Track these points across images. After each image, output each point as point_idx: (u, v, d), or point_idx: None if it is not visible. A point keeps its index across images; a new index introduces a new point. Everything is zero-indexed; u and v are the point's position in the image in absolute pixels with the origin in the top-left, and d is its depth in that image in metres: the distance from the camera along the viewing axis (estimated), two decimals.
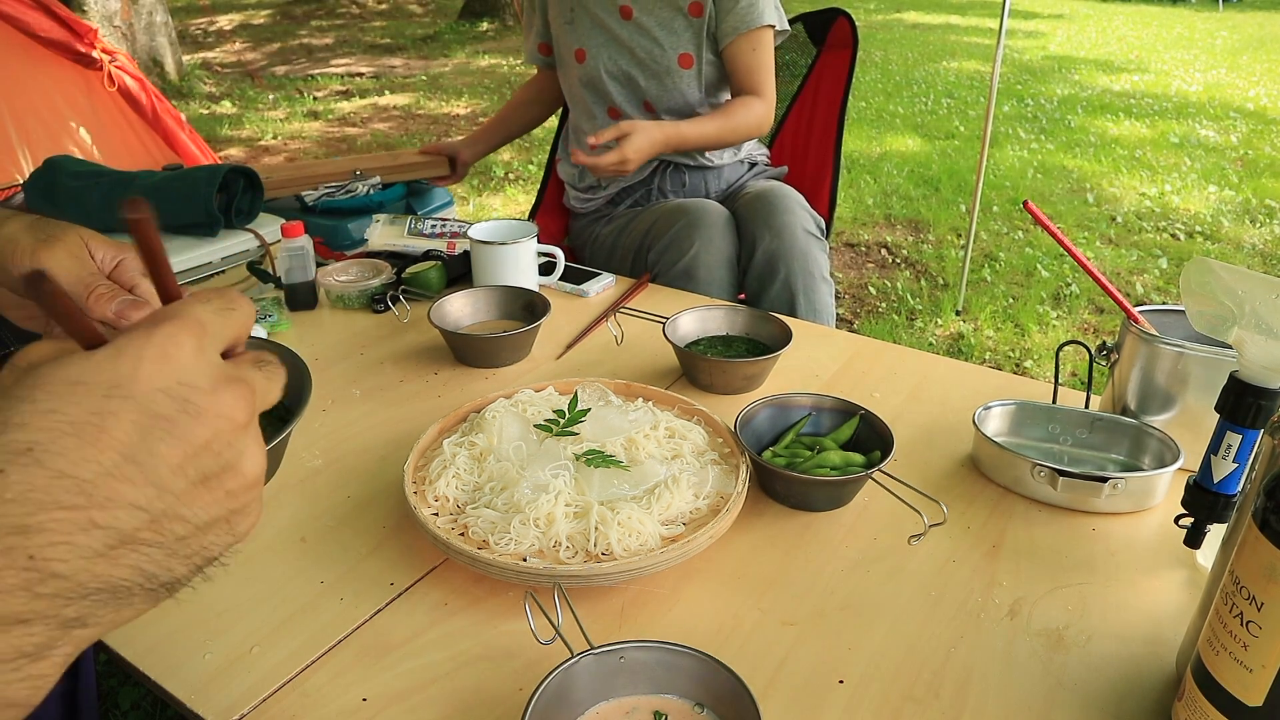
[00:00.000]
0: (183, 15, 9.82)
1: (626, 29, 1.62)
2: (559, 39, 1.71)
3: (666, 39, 1.61)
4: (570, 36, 1.67)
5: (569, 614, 0.68)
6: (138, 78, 2.91)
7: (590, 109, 1.72)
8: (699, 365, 1.10)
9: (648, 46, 1.62)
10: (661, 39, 1.61)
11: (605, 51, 1.65)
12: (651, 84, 1.65)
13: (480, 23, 9.48)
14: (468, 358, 1.18)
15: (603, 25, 1.63)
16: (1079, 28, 10.30)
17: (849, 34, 1.80)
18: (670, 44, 1.62)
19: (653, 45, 1.62)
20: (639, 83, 1.66)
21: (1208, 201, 4.24)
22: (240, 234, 1.46)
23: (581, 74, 1.68)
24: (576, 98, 1.75)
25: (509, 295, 1.28)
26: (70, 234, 0.63)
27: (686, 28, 1.61)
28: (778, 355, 1.09)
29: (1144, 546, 0.84)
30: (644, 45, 1.62)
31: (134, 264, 0.66)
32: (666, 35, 1.61)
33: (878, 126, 5.70)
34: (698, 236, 1.46)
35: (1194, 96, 6.59)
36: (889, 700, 0.66)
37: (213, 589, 0.78)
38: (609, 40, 1.64)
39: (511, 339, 1.16)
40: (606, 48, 1.64)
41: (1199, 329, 0.71)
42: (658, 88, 1.65)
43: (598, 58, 1.65)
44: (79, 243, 0.62)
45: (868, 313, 3.08)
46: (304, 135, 5.45)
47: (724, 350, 1.16)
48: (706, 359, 1.09)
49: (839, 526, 0.86)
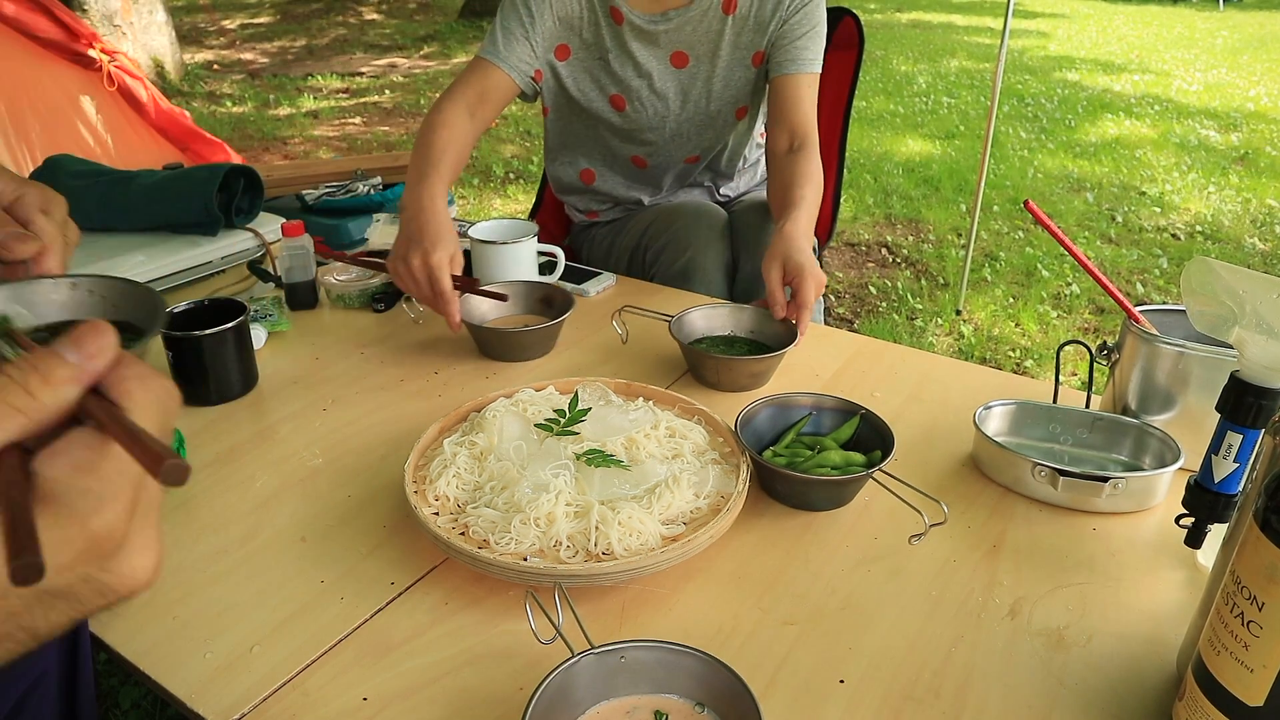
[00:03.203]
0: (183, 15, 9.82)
1: (679, 78, 1.46)
2: (576, 76, 1.47)
3: (724, 91, 1.47)
4: (604, 78, 1.46)
5: (569, 613, 0.68)
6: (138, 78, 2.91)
7: (615, 152, 1.57)
8: (705, 363, 1.10)
9: (701, 98, 1.47)
10: (719, 91, 1.47)
11: (652, 101, 1.47)
12: (701, 136, 1.52)
13: (480, 22, 9.48)
14: (495, 351, 1.19)
15: (649, 72, 1.44)
16: (1079, 27, 10.29)
17: (855, 34, 1.78)
18: (729, 96, 1.48)
19: (709, 97, 1.47)
20: (687, 135, 1.52)
21: (1208, 201, 4.24)
22: (240, 233, 1.45)
23: (619, 121, 1.50)
24: (596, 141, 1.57)
25: (527, 290, 1.29)
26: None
27: (746, 79, 1.47)
28: (783, 353, 1.09)
29: (1144, 546, 0.84)
30: (698, 96, 1.47)
31: (33, 200, 0.66)
32: (724, 87, 1.47)
33: (878, 126, 5.70)
34: (695, 239, 1.45)
35: (1194, 96, 6.58)
36: (889, 700, 0.66)
37: (213, 589, 0.78)
38: (655, 90, 1.46)
39: (537, 333, 1.17)
40: (654, 98, 1.47)
41: (1200, 329, 0.71)
42: (707, 139, 1.53)
43: (642, 108, 1.47)
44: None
45: (868, 313, 3.08)
46: (304, 135, 5.45)
47: (728, 349, 1.16)
48: (714, 356, 1.10)
49: (839, 526, 0.86)
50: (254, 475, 0.94)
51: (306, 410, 1.07)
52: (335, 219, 1.58)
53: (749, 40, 1.43)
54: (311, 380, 1.14)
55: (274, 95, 6.42)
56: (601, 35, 1.42)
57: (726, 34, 1.42)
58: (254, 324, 1.18)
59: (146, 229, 1.43)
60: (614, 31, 1.41)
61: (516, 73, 1.38)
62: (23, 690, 0.69)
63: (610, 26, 1.40)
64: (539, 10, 1.37)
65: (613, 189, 1.63)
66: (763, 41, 1.43)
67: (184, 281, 1.39)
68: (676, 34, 1.42)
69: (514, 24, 1.38)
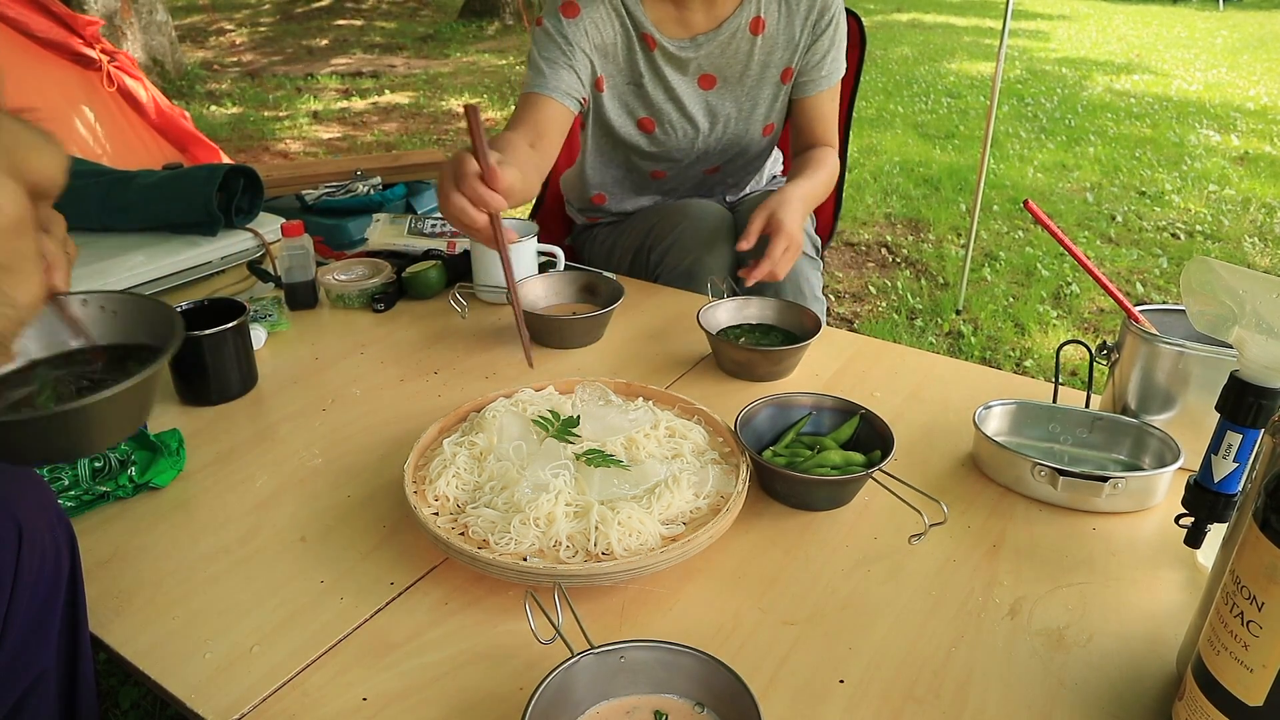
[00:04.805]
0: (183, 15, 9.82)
1: (707, 100, 1.46)
2: (612, 105, 1.46)
3: (753, 111, 1.48)
4: (634, 102, 1.45)
5: (569, 613, 0.68)
6: (137, 77, 2.91)
7: (636, 169, 1.56)
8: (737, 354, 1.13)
9: (730, 118, 1.48)
10: (748, 111, 1.48)
11: (682, 125, 1.47)
12: (725, 153, 1.53)
13: (480, 22, 9.48)
14: (544, 339, 1.22)
15: (679, 96, 1.44)
16: (1079, 27, 10.30)
17: (857, 35, 1.78)
18: (757, 115, 1.49)
19: (737, 117, 1.48)
20: (713, 155, 1.52)
21: (1208, 201, 4.24)
22: (240, 233, 1.45)
23: (646, 144, 1.50)
24: (619, 164, 1.57)
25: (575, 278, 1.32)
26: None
27: (774, 98, 1.48)
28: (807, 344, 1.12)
29: (1144, 546, 0.84)
30: (726, 117, 1.48)
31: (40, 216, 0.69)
32: (753, 107, 1.48)
33: (878, 126, 5.70)
34: (700, 240, 1.45)
35: (1194, 96, 6.58)
36: (889, 700, 0.66)
37: (213, 589, 0.78)
38: (686, 114, 1.46)
39: (585, 322, 1.21)
40: (684, 121, 1.47)
41: (1199, 328, 0.71)
42: (731, 155, 1.54)
43: (671, 130, 1.47)
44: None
45: (868, 312, 3.08)
46: (304, 135, 5.45)
47: (760, 338, 1.20)
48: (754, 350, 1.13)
49: (839, 526, 0.86)
50: (254, 475, 0.94)
51: (306, 410, 1.07)
52: (335, 219, 1.58)
53: (779, 59, 1.44)
54: (311, 380, 1.14)
55: (274, 95, 6.42)
56: (636, 61, 1.41)
57: (756, 54, 1.43)
58: (254, 324, 1.18)
59: (146, 229, 1.43)
60: (648, 58, 1.41)
61: (569, 99, 1.34)
62: (23, 690, 0.69)
63: (644, 52, 1.40)
64: (575, 39, 1.35)
65: (622, 205, 1.64)
66: (793, 58, 1.44)
67: (184, 281, 1.39)
68: (706, 59, 1.42)
69: (554, 53, 1.34)
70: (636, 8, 1.37)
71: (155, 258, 1.36)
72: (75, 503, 0.86)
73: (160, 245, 1.39)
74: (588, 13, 1.34)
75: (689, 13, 1.38)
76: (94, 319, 0.68)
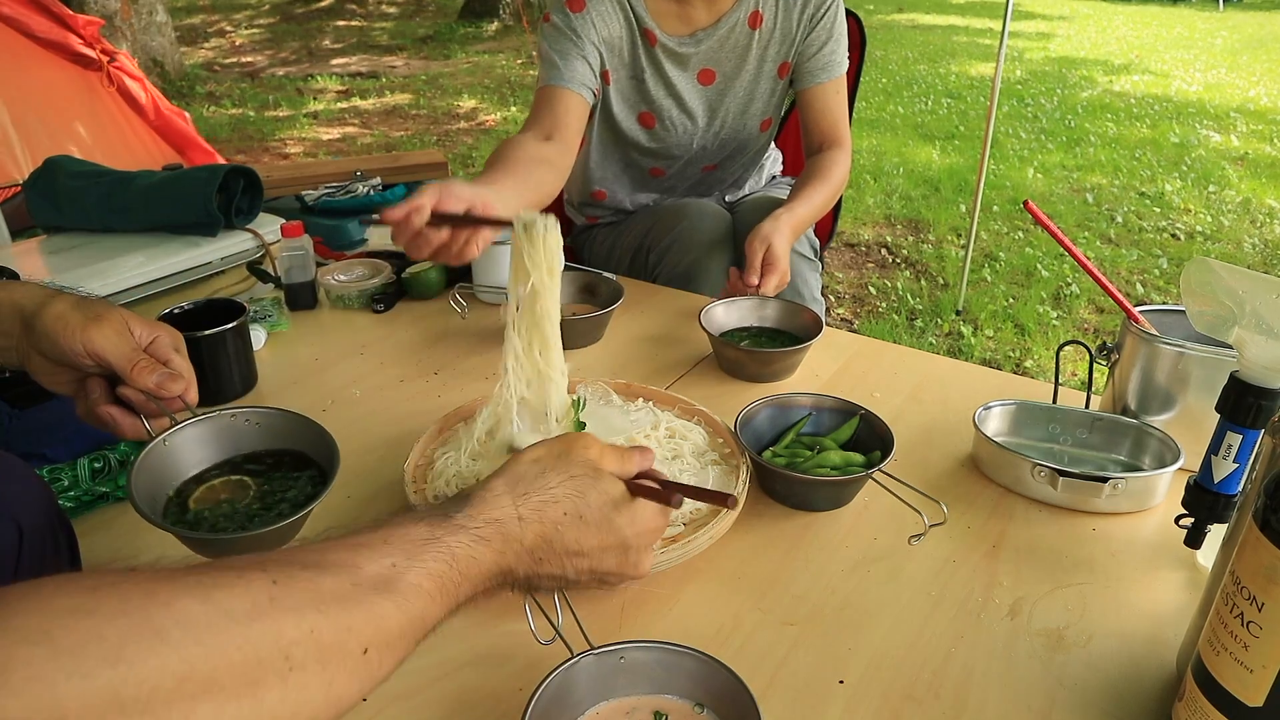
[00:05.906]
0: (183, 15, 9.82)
1: (706, 94, 1.46)
2: (615, 100, 1.46)
3: (750, 105, 1.48)
4: (635, 97, 1.46)
5: (569, 614, 0.68)
6: (137, 78, 2.91)
7: (635, 165, 1.57)
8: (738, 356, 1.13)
9: (728, 113, 1.49)
10: (745, 105, 1.48)
11: (681, 120, 1.48)
12: (724, 149, 1.53)
13: (480, 22, 9.49)
14: None
15: (679, 91, 1.44)
16: (1079, 28, 10.30)
17: (857, 35, 1.78)
18: (754, 110, 1.49)
19: (734, 112, 1.49)
20: (711, 150, 1.53)
21: (1208, 202, 4.24)
22: (240, 234, 1.45)
23: (646, 139, 1.50)
24: (618, 160, 1.57)
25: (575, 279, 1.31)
26: (114, 313, 0.72)
27: (771, 92, 1.48)
28: (809, 345, 1.12)
29: (1144, 546, 0.84)
30: (725, 112, 1.48)
31: (166, 340, 0.75)
32: (750, 101, 1.48)
33: (878, 126, 5.70)
34: (699, 241, 1.45)
35: (1194, 96, 6.59)
36: (889, 700, 0.66)
37: None
38: (685, 109, 1.47)
39: (585, 322, 1.20)
40: (683, 117, 1.47)
41: (1199, 329, 0.71)
42: (730, 152, 1.54)
43: (671, 126, 1.48)
44: (122, 321, 0.72)
45: (868, 313, 3.08)
46: (304, 135, 5.45)
47: (757, 340, 1.19)
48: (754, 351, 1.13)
49: (839, 526, 0.86)
50: None
51: (306, 410, 1.05)
52: (335, 220, 1.58)
53: (775, 53, 1.44)
54: (311, 381, 1.14)
55: (273, 96, 6.43)
56: (638, 55, 1.42)
57: (753, 49, 1.43)
58: (253, 324, 1.18)
59: (146, 229, 1.43)
60: (649, 53, 1.41)
61: (584, 89, 1.34)
62: None
63: (646, 48, 1.41)
64: (584, 31, 1.35)
65: (621, 203, 1.64)
66: (789, 53, 1.44)
67: (183, 282, 1.39)
68: (705, 54, 1.42)
69: (566, 45, 1.34)
70: (638, 3, 1.37)
71: (155, 258, 1.36)
72: (75, 503, 0.86)
73: (160, 246, 1.39)
74: (593, 6, 1.35)
75: (690, 9, 1.38)
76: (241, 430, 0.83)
